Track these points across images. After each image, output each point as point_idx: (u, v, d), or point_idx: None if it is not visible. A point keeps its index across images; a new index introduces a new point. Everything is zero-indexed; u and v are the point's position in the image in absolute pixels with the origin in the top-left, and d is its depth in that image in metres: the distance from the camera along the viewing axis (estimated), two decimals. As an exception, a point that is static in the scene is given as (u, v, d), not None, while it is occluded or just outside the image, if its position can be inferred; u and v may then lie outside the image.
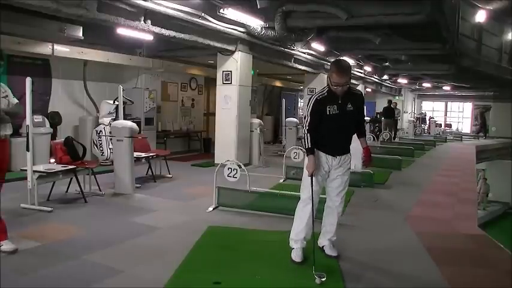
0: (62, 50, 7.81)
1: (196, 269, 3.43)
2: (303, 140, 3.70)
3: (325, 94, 3.56)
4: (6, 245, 3.71)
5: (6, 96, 3.74)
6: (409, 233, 4.61)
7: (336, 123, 3.55)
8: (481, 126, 21.77)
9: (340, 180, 3.67)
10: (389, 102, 17.43)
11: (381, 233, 4.63)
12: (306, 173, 3.63)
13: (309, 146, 3.55)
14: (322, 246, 3.83)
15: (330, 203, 3.75)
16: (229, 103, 8.93)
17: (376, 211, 5.63)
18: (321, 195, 3.77)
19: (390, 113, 16.88)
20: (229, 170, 5.28)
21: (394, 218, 5.24)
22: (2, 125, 3.69)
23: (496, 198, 17.87)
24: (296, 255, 3.63)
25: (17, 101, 3.86)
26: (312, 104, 3.57)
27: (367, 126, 17.10)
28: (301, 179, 3.77)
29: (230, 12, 7.19)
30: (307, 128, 3.56)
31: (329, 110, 3.52)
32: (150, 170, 7.37)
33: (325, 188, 3.75)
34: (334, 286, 3.19)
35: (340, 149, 3.62)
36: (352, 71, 4.03)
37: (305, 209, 3.64)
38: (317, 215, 3.67)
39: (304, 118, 3.66)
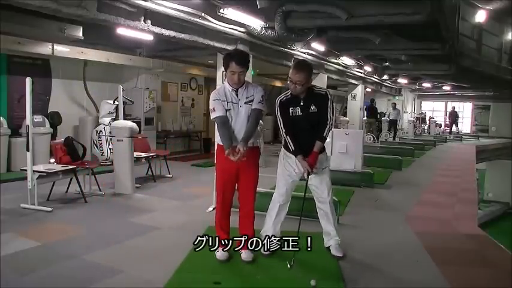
0: (62, 50, 7.80)
1: (196, 269, 3.42)
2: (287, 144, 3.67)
3: (289, 96, 3.61)
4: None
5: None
6: (409, 233, 4.61)
7: (300, 125, 3.58)
8: (451, 124, 23.33)
9: (319, 179, 3.68)
10: (372, 101, 17.51)
11: (381, 233, 4.63)
12: (279, 173, 3.78)
13: (293, 149, 3.56)
14: (328, 247, 3.86)
15: (319, 204, 3.79)
16: (229, 103, 8.89)
17: (376, 211, 5.63)
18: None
19: (372, 111, 16.92)
20: (229, 170, 5.26)
21: (394, 218, 5.24)
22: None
23: (496, 198, 17.88)
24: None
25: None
26: (277, 107, 3.60)
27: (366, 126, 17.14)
28: (301, 179, 3.80)
29: (230, 12, 7.18)
30: (284, 131, 3.59)
31: (292, 112, 3.57)
32: (150, 170, 7.37)
33: (311, 190, 3.77)
34: (335, 286, 3.19)
35: (309, 150, 3.58)
36: (350, 71, 4.05)
37: (273, 208, 3.82)
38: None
39: (278, 122, 3.66)
